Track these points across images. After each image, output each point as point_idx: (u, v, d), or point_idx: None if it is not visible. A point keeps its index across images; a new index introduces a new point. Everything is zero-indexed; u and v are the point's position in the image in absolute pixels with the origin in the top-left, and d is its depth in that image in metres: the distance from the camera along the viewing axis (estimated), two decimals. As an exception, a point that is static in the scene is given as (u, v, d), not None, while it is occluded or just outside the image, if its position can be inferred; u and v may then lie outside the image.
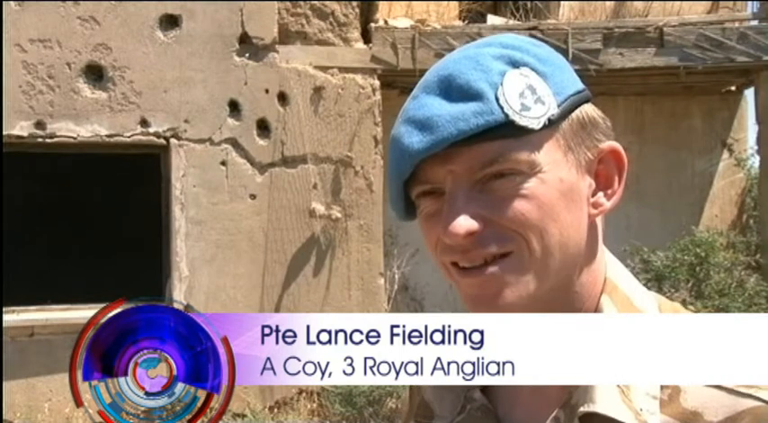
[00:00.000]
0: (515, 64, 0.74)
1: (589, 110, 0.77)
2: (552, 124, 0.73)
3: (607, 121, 0.79)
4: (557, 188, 0.73)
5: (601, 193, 0.78)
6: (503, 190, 0.73)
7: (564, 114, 0.74)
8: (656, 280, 6.87)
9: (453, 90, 0.73)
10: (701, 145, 8.06)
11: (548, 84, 0.74)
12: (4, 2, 6.00)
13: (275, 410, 6.32)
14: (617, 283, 0.79)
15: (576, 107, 0.76)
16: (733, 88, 8.12)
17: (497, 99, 0.71)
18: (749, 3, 8.17)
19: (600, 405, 0.72)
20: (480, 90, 0.72)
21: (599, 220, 0.80)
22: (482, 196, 0.73)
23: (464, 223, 0.72)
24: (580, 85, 0.78)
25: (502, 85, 0.72)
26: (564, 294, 0.77)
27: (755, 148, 7.71)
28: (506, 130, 0.71)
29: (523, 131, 0.72)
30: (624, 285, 0.80)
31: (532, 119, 0.72)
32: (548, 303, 0.76)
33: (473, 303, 0.76)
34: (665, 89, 7.89)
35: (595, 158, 0.77)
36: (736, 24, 7.38)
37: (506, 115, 0.71)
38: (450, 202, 0.73)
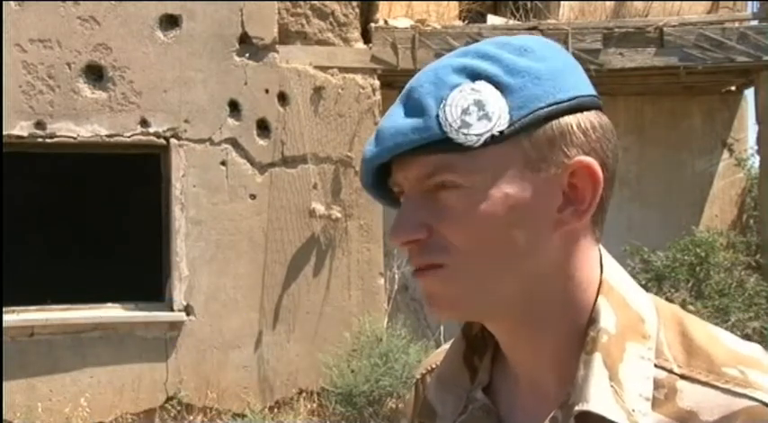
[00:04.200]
0: (474, 76, 0.74)
1: (569, 122, 0.75)
2: (504, 139, 0.73)
3: (593, 133, 0.76)
4: (501, 203, 0.73)
5: (571, 209, 0.76)
6: (446, 201, 0.74)
7: (524, 128, 0.73)
8: (656, 280, 6.87)
9: (410, 102, 0.76)
10: (701, 145, 8.06)
11: (507, 97, 0.73)
12: (4, 2, 6.00)
13: (275, 410, 6.32)
14: (613, 284, 0.79)
15: (550, 120, 0.74)
16: (733, 88, 8.12)
17: (437, 116, 0.73)
18: (749, 3, 8.18)
19: (593, 404, 0.72)
20: (426, 106, 0.74)
21: (586, 224, 0.78)
22: (430, 205, 0.75)
23: (401, 232, 0.76)
24: (569, 94, 0.75)
25: (446, 99, 0.73)
26: (545, 297, 0.77)
27: (755, 148, 7.71)
28: (446, 146, 0.73)
29: (464, 147, 0.73)
30: (620, 287, 0.80)
31: (471, 136, 0.72)
32: (527, 305, 0.77)
33: (425, 302, 0.79)
34: (665, 89, 7.89)
35: (564, 173, 0.75)
36: (736, 24, 7.38)
37: (444, 132, 0.73)
38: (401, 209, 0.77)
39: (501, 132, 0.73)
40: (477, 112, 0.73)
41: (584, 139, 0.75)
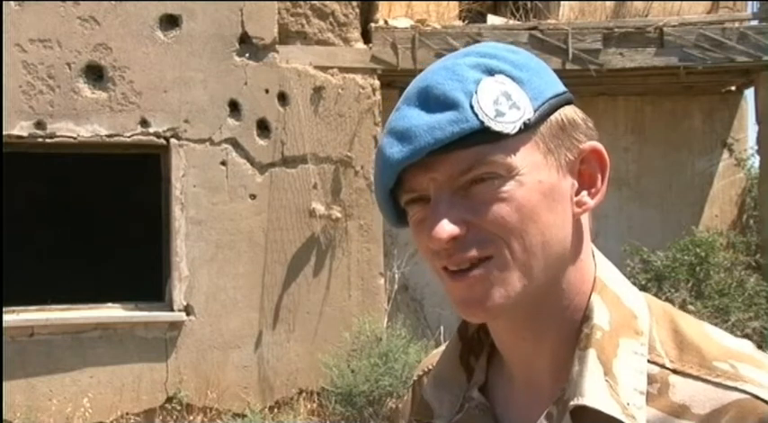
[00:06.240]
0: (491, 72, 0.76)
1: (569, 112, 0.79)
2: (529, 128, 0.75)
3: (588, 122, 0.81)
4: (536, 189, 0.76)
5: (584, 193, 0.80)
6: (483, 194, 0.75)
7: (542, 118, 0.77)
8: (656, 280, 6.87)
9: (431, 100, 0.76)
10: (701, 145, 8.07)
11: (524, 89, 0.76)
12: (4, 2, 6.00)
13: (275, 410, 6.32)
14: (606, 282, 0.81)
15: (555, 110, 0.78)
16: (733, 88, 8.12)
17: (472, 107, 0.74)
18: (749, 3, 8.17)
19: (588, 398, 0.74)
20: (456, 99, 0.75)
21: (585, 219, 0.82)
22: (464, 201, 0.76)
23: (447, 228, 0.74)
24: (560, 88, 0.80)
25: (476, 93, 0.75)
26: (552, 291, 0.79)
27: (755, 148, 7.71)
28: (483, 137, 0.74)
29: (500, 136, 0.74)
30: (614, 285, 0.82)
31: (507, 124, 0.74)
32: (535, 300, 0.78)
33: (462, 306, 0.78)
34: (665, 89, 7.89)
35: (577, 159, 0.79)
36: (736, 24, 7.38)
37: (481, 122, 0.74)
38: (434, 209, 0.76)
39: (529, 120, 0.75)
40: (507, 102, 0.75)
41: (586, 127, 0.80)
